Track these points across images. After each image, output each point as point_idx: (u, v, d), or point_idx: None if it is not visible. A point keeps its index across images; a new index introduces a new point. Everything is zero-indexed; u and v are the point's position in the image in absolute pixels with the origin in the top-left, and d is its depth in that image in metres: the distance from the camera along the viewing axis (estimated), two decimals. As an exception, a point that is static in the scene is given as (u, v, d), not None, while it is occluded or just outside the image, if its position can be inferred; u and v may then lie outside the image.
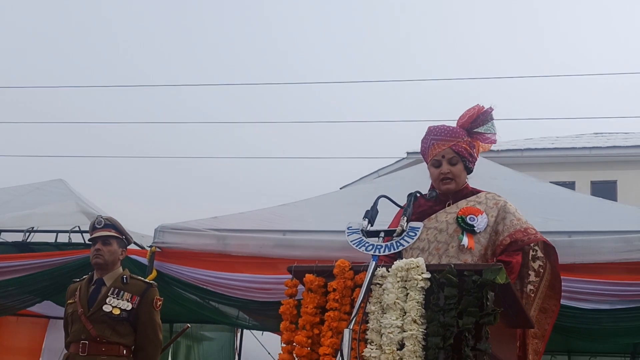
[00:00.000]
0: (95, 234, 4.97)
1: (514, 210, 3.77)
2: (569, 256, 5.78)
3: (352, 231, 3.09)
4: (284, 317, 3.15)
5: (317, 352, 2.99)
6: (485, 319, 2.74)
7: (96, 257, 4.90)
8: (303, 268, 3.19)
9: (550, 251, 3.88)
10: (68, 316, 4.89)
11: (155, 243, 6.92)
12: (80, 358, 4.67)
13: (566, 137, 23.05)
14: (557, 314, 4.00)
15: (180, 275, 6.97)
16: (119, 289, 4.83)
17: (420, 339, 2.77)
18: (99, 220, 5.04)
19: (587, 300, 5.93)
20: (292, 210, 7.55)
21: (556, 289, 3.95)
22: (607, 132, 23.42)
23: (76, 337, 4.74)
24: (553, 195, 7.55)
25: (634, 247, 5.69)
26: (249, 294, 6.82)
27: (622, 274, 5.84)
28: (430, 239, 3.70)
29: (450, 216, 3.72)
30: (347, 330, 2.70)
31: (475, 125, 3.84)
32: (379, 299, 2.90)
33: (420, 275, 2.86)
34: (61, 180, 10.06)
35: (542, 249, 3.88)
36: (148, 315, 4.87)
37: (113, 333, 4.73)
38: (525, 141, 22.79)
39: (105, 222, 5.02)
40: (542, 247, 3.87)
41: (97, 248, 4.91)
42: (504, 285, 2.84)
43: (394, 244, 2.99)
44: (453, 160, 3.77)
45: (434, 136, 3.81)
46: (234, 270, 6.80)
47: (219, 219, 7.21)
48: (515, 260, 3.63)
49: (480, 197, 3.82)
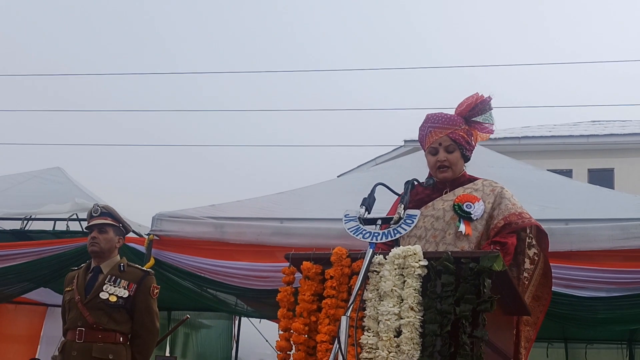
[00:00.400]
0: (92, 222, 4.99)
1: (510, 196, 3.77)
2: (566, 244, 5.79)
3: (350, 219, 3.09)
4: (281, 304, 3.16)
5: (315, 340, 3.00)
6: (482, 306, 2.75)
7: (92, 245, 4.91)
8: (300, 256, 3.19)
9: (542, 237, 3.87)
10: (65, 303, 4.90)
11: (152, 231, 6.92)
12: (77, 345, 4.67)
13: (563, 125, 23.04)
14: (549, 301, 4.01)
15: (177, 263, 6.98)
16: (116, 277, 4.84)
17: (418, 326, 2.78)
18: (96, 208, 5.04)
19: (584, 288, 5.94)
20: (289, 198, 7.56)
21: (548, 276, 3.96)
22: (605, 120, 23.42)
23: (73, 324, 4.75)
24: (550, 183, 7.56)
25: (631, 234, 5.70)
26: (247, 282, 6.83)
27: (619, 262, 5.86)
28: (427, 226, 3.70)
29: (447, 204, 3.73)
30: (345, 317, 2.70)
31: (473, 113, 3.83)
32: (376, 286, 2.90)
33: (418, 263, 2.87)
34: (59, 168, 10.06)
35: (535, 236, 3.87)
36: (145, 303, 4.88)
37: (110, 320, 4.74)
38: (522, 129, 22.79)
39: (102, 210, 5.03)
40: (535, 234, 3.86)
41: (93, 236, 4.92)
42: (501, 272, 2.85)
43: (391, 232, 2.99)
44: (450, 148, 3.77)
45: (432, 124, 3.80)
46: (232, 258, 6.81)
47: (217, 207, 7.21)
48: (510, 241, 3.62)
49: (477, 184, 3.82)
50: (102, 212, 5.02)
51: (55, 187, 9.11)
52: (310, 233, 6.33)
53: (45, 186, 9.19)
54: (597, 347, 10.82)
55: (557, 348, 11.03)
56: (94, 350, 4.65)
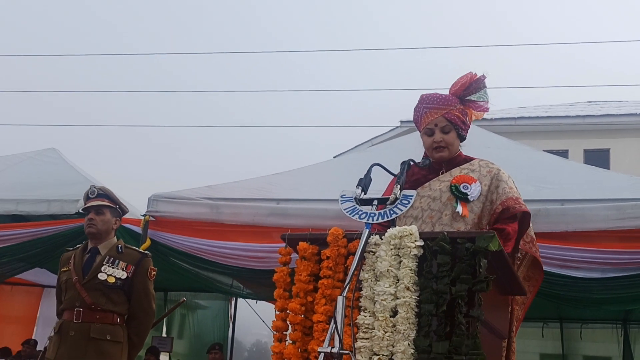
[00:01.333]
0: (89, 203, 4.99)
1: (507, 178, 3.76)
2: (562, 224, 5.81)
3: (346, 199, 3.08)
4: (277, 285, 3.16)
5: (311, 320, 3.00)
6: (478, 286, 2.75)
7: (89, 227, 4.91)
8: (297, 236, 3.19)
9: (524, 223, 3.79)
10: (62, 284, 4.90)
11: (148, 212, 6.93)
12: (74, 325, 4.68)
13: (560, 106, 23.05)
14: (540, 282, 4.01)
15: (174, 244, 6.99)
16: (114, 258, 4.84)
17: (413, 306, 2.78)
18: (92, 190, 5.04)
19: (579, 268, 5.96)
20: (285, 179, 7.55)
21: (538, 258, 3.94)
22: (601, 101, 23.42)
23: (70, 304, 4.75)
24: (546, 163, 7.56)
25: (627, 215, 5.71)
26: (243, 262, 6.84)
27: (615, 242, 5.87)
28: (423, 207, 3.70)
29: (444, 184, 3.72)
30: (341, 297, 2.70)
31: (467, 92, 3.82)
32: (372, 266, 2.90)
33: (414, 243, 2.86)
34: (54, 149, 10.04)
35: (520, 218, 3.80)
36: (142, 285, 4.89)
37: (107, 301, 4.75)
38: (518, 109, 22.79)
39: (99, 191, 5.02)
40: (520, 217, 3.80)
41: (90, 217, 4.92)
42: (497, 252, 2.84)
43: (387, 212, 2.99)
44: (446, 128, 3.76)
45: (427, 104, 3.79)
46: (228, 239, 6.81)
47: (213, 188, 7.21)
48: (511, 228, 3.60)
49: (474, 164, 3.81)
50: (99, 194, 5.01)
51: (51, 168, 9.09)
52: (307, 214, 6.33)
53: (41, 167, 9.17)
54: (592, 326, 10.89)
55: (552, 328, 11.11)
56: (92, 330, 4.67)
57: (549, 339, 11.20)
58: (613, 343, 10.83)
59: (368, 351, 2.80)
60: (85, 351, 4.64)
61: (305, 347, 3.00)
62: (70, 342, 4.66)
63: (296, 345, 3.03)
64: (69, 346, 4.65)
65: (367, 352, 2.80)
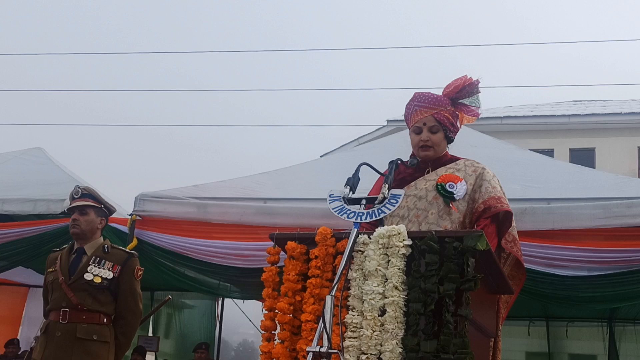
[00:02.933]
0: (73, 204, 4.97)
1: (491, 178, 3.77)
2: (548, 222, 5.83)
3: (334, 199, 3.09)
4: (266, 284, 3.16)
5: (299, 319, 3.00)
6: (466, 285, 2.75)
7: (73, 227, 4.90)
8: (285, 236, 3.19)
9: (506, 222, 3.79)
10: (48, 284, 4.87)
11: (135, 211, 6.90)
12: (61, 325, 4.66)
13: (545, 105, 23.15)
14: (523, 282, 4.01)
15: (160, 243, 6.97)
16: (101, 258, 4.83)
17: (402, 305, 2.78)
18: (77, 190, 5.02)
19: (565, 267, 5.99)
20: (273, 178, 7.55)
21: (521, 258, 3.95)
22: (586, 100, 23.54)
23: (57, 305, 4.73)
24: (532, 162, 7.59)
25: (612, 213, 5.74)
26: (230, 261, 6.83)
27: (600, 241, 5.90)
28: (410, 206, 3.71)
29: (430, 183, 3.74)
30: (329, 297, 2.70)
31: (460, 95, 3.84)
32: (360, 265, 2.91)
33: (402, 242, 2.87)
34: (40, 148, 10.00)
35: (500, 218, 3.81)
36: (129, 285, 4.87)
37: (94, 301, 4.73)
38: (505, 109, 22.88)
39: (83, 192, 5.00)
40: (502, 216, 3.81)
41: (74, 218, 4.91)
42: (485, 251, 2.86)
43: (376, 211, 2.99)
44: (434, 128, 3.78)
45: (418, 102, 3.81)
46: (215, 238, 6.80)
47: (200, 187, 7.19)
48: (488, 230, 3.60)
49: (459, 164, 3.83)
50: (83, 194, 4.99)
51: (37, 168, 9.05)
52: (294, 213, 6.33)
53: (27, 166, 9.13)
54: (578, 325, 10.93)
55: (538, 326, 11.14)
56: (78, 330, 4.65)
57: (535, 337, 11.24)
58: (599, 341, 10.88)
59: (356, 350, 2.81)
60: (71, 352, 4.61)
61: (294, 347, 3.01)
62: (57, 343, 4.63)
63: (285, 344, 3.03)
64: (55, 347, 4.63)
65: (355, 351, 2.80)
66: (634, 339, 10.73)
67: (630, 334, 10.76)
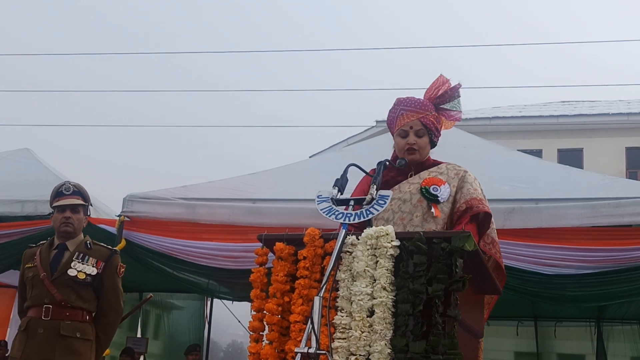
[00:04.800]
0: (64, 200, 4.83)
1: (472, 180, 3.79)
2: (536, 222, 5.86)
3: (322, 199, 3.08)
4: (254, 285, 3.15)
5: (288, 320, 3.00)
6: (455, 286, 2.76)
7: (67, 226, 4.77)
8: (273, 237, 3.18)
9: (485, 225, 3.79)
10: (27, 280, 4.76)
11: (123, 212, 6.88)
12: (43, 322, 4.56)
13: (534, 106, 23.24)
14: (503, 284, 4.01)
15: (149, 244, 6.95)
16: (84, 254, 4.74)
17: (390, 305, 2.79)
18: (67, 186, 4.87)
19: (554, 266, 6.01)
20: (261, 178, 7.55)
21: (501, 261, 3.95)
22: (574, 101, 23.64)
23: (38, 301, 4.63)
24: (520, 163, 7.62)
25: (600, 213, 5.78)
26: (218, 262, 6.82)
27: (588, 240, 5.93)
28: (394, 209, 3.71)
29: (414, 186, 3.75)
30: (318, 297, 2.70)
31: (442, 101, 3.86)
32: (349, 266, 2.91)
33: (390, 243, 2.87)
34: (27, 149, 9.94)
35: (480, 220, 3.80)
36: (111, 281, 4.79)
37: (77, 298, 4.64)
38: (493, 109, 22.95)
39: (74, 188, 4.88)
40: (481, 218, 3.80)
41: (68, 216, 4.78)
42: (472, 252, 2.86)
43: (364, 212, 2.99)
44: (420, 132, 3.79)
45: (404, 107, 3.81)
46: (204, 239, 6.79)
47: (188, 188, 7.18)
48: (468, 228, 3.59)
49: (442, 168, 3.85)
50: (74, 191, 4.86)
51: (24, 169, 9.01)
52: (283, 213, 6.33)
53: (14, 168, 9.08)
54: (567, 324, 10.97)
55: (527, 326, 11.17)
56: (62, 327, 4.55)
57: (524, 337, 11.27)
58: (587, 341, 10.92)
59: (345, 351, 2.80)
60: (54, 349, 4.52)
61: (282, 348, 3.00)
62: (39, 340, 4.54)
63: (273, 345, 3.03)
64: (37, 344, 4.54)
65: (344, 352, 2.80)
66: (622, 339, 10.77)
67: (619, 333, 10.80)
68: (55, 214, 4.84)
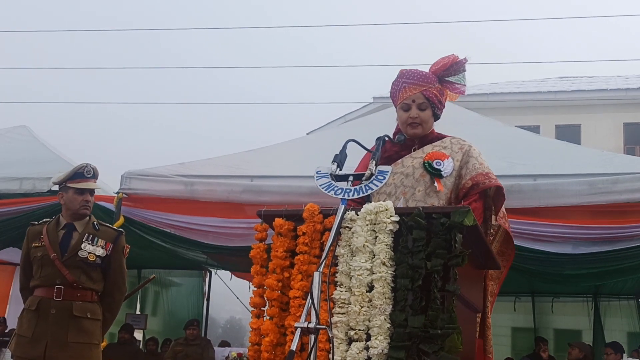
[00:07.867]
0: (85, 184, 4.84)
1: (477, 155, 3.78)
2: (534, 199, 5.87)
3: (321, 175, 3.08)
4: (254, 261, 3.16)
5: (288, 295, 3.01)
6: (454, 261, 2.76)
7: (86, 209, 4.81)
8: (272, 212, 3.18)
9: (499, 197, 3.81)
10: (35, 260, 4.78)
11: (122, 189, 6.88)
12: (55, 303, 4.62)
13: (531, 82, 23.18)
14: (512, 257, 4.04)
15: (147, 220, 6.96)
16: (93, 235, 4.78)
17: (389, 281, 2.79)
18: (89, 169, 4.88)
19: (551, 242, 6.03)
20: (259, 155, 7.55)
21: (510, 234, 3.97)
22: (572, 76, 23.59)
23: (49, 282, 4.67)
24: (518, 139, 7.62)
25: (598, 189, 5.78)
26: (217, 238, 6.84)
27: (586, 217, 5.95)
28: (396, 183, 3.71)
29: (417, 161, 3.74)
30: (317, 273, 2.70)
31: (447, 73, 3.84)
32: (348, 242, 2.91)
33: (389, 219, 2.87)
34: (25, 126, 9.93)
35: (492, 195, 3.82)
36: (119, 262, 4.86)
37: (87, 279, 4.70)
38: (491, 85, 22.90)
39: (94, 172, 4.91)
40: (493, 193, 3.82)
41: (88, 199, 4.82)
42: (472, 227, 2.86)
43: (363, 188, 2.99)
44: (422, 105, 3.77)
45: (406, 79, 3.79)
46: (202, 215, 6.80)
47: (186, 165, 7.18)
48: (474, 207, 3.61)
49: (445, 142, 3.83)
50: (94, 175, 4.90)
51: (22, 146, 8.99)
52: (281, 190, 6.33)
53: (12, 145, 9.07)
54: (564, 300, 11.04)
55: (524, 302, 11.24)
56: (74, 308, 4.61)
57: (521, 312, 11.34)
58: (584, 316, 11.00)
59: (344, 326, 2.82)
60: (67, 329, 4.58)
61: (282, 323, 3.02)
62: (52, 321, 4.59)
63: (274, 321, 3.04)
64: (49, 324, 4.59)
65: (343, 327, 2.82)
66: (618, 314, 10.85)
67: (615, 308, 10.88)
68: (73, 195, 4.82)
